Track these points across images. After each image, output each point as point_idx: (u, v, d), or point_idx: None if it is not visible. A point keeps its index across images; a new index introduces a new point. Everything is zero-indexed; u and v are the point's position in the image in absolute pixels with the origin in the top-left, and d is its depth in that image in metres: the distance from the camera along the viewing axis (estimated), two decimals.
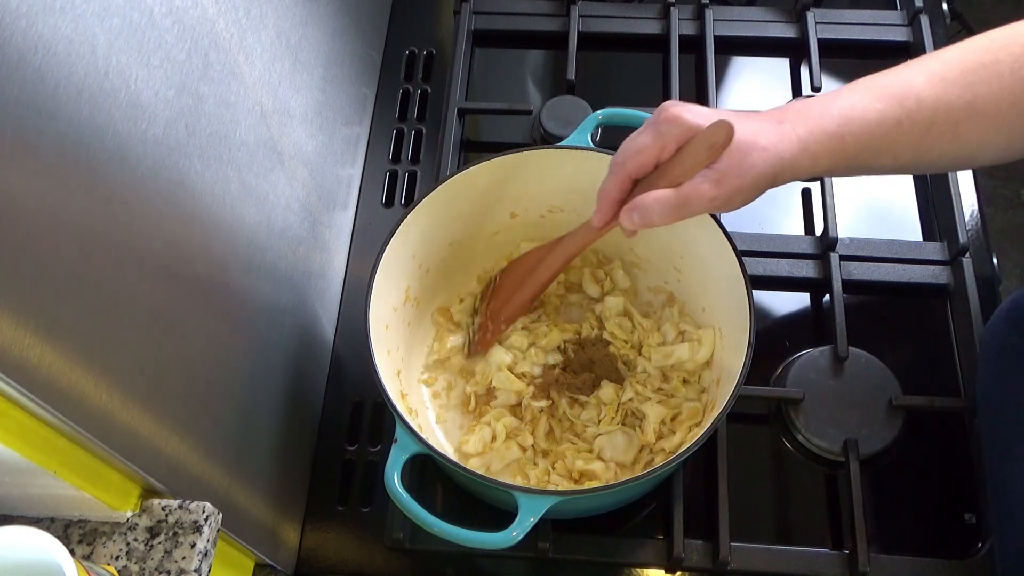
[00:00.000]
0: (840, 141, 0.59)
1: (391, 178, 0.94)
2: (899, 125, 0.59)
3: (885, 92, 0.60)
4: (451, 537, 0.60)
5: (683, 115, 0.59)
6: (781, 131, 0.59)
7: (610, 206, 0.64)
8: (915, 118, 0.59)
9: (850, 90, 0.61)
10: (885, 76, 0.61)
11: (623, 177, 0.62)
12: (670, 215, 0.59)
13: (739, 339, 0.67)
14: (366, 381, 0.81)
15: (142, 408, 0.49)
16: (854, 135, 0.59)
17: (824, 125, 0.59)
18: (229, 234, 0.60)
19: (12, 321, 0.38)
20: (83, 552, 0.52)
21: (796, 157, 0.59)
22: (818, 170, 0.60)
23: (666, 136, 0.59)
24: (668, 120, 0.59)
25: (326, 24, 0.79)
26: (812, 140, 0.59)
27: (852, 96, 0.60)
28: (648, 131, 0.61)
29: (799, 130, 0.59)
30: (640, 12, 1.01)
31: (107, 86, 0.44)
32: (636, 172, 0.62)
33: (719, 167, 0.58)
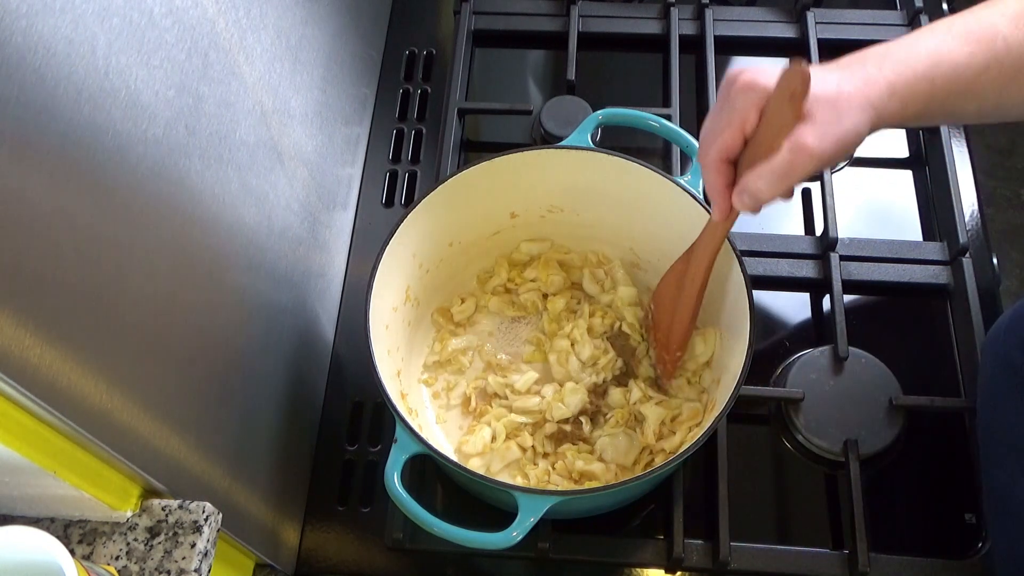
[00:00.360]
0: (930, 84, 0.56)
1: (391, 178, 0.94)
2: (987, 70, 0.56)
3: (971, 35, 0.57)
4: (451, 537, 0.60)
5: (756, 79, 0.55)
6: (866, 74, 0.55)
7: (721, 195, 0.60)
8: (1003, 62, 0.56)
9: (931, 32, 0.58)
10: (964, 18, 0.58)
11: (717, 164, 0.58)
12: (778, 184, 0.55)
13: (739, 339, 0.67)
14: (366, 381, 0.81)
15: (142, 408, 0.49)
16: (944, 77, 0.56)
17: (913, 67, 0.55)
18: (229, 234, 0.60)
19: (12, 321, 0.38)
20: (83, 552, 0.52)
21: (886, 103, 0.55)
22: (907, 115, 0.57)
23: (742, 108, 0.56)
24: (741, 88, 0.55)
25: (326, 24, 0.79)
26: (901, 83, 0.55)
27: (936, 38, 0.57)
28: (722, 108, 0.57)
29: (886, 73, 0.55)
30: (640, 12, 1.01)
31: (107, 86, 0.44)
32: (728, 154, 0.58)
33: (814, 120, 0.54)
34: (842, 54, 0.97)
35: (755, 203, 0.57)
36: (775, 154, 0.54)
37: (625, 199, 0.76)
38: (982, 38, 0.56)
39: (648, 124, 0.75)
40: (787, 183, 0.55)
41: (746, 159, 0.58)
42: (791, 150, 0.54)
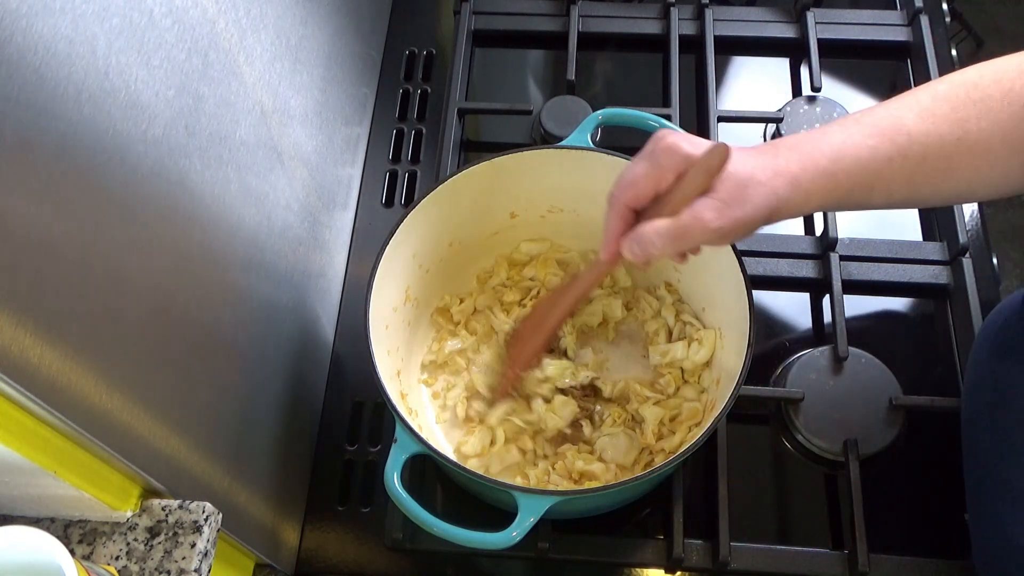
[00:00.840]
0: (832, 178, 0.58)
1: (391, 178, 0.94)
2: (891, 162, 0.58)
3: (876, 128, 0.59)
4: (451, 537, 0.60)
5: (680, 143, 0.58)
6: (775, 166, 0.57)
7: (614, 239, 0.62)
8: (907, 154, 0.58)
9: (840, 126, 0.60)
10: (875, 112, 0.60)
11: (621, 208, 0.61)
12: (670, 245, 0.58)
13: (739, 339, 0.67)
14: (366, 381, 0.81)
15: (142, 408, 0.49)
16: (846, 172, 0.58)
17: (816, 161, 0.58)
18: (229, 234, 0.60)
19: (12, 321, 0.38)
20: (83, 552, 0.52)
21: (790, 194, 0.57)
22: (810, 207, 0.59)
23: (663, 165, 0.58)
24: (664, 149, 0.58)
25: (326, 24, 0.79)
26: (805, 177, 0.58)
27: (843, 132, 0.59)
28: (644, 161, 0.59)
29: (792, 167, 0.58)
30: (640, 12, 1.01)
31: (107, 86, 0.44)
32: (634, 203, 0.60)
33: (719, 196, 0.57)
34: (842, 54, 0.98)
35: (643, 255, 0.60)
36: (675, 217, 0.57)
37: None
38: (887, 130, 0.58)
39: (648, 124, 0.75)
40: (678, 246, 0.58)
41: (649, 214, 0.60)
42: (690, 216, 0.57)
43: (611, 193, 0.61)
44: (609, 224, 0.62)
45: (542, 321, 0.74)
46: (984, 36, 1.64)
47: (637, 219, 0.61)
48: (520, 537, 0.59)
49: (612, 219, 0.62)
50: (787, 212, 0.58)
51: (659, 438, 0.74)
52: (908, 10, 0.99)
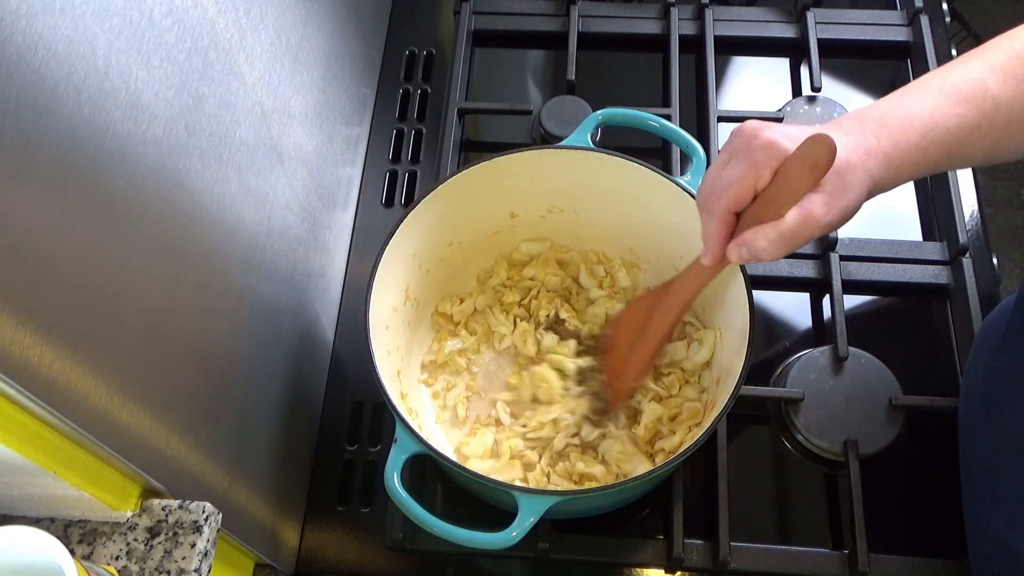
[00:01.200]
0: (923, 152, 0.57)
1: (391, 178, 0.94)
2: (978, 129, 0.57)
3: (961, 95, 0.57)
4: (451, 537, 0.60)
5: (776, 140, 0.55)
6: (867, 146, 0.56)
7: (720, 244, 0.60)
8: (993, 120, 0.57)
9: (925, 93, 0.58)
10: (954, 74, 0.59)
11: (724, 214, 0.58)
12: (783, 248, 0.56)
13: (739, 339, 0.67)
14: (366, 381, 0.81)
15: (142, 408, 0.49)
16: (935, 144, 0.57)
17: (907, 137, 0.57)
18: (229, 234, 0.60)
19: (12, 321, 0.38)
20: (83, 552, 0.52)
21: (883, 173, 0.57)
22: (900, 182, 0.58)
23: (761, 164, 0.55)
24: (762, 147, 0.55)
25: (326, 24, 0.79)
26: (897, 155, 0.57)
27: (930, 100, 0.58)
28: (740, 160, 0.57)
29: (884, 144, 0.56)
30: (640, 12, 1.01)
31: (107, 86, 0.44)
32: (736, 206, 0.58)
33: (825, 189, 0.55)
34: (842, 54, 0.98)
35: (752, 259, 0.58)
36: (783, 218, 0.55)
37: (625, 199, 0.76)
38: (972, 97, 0.57)
39: (648, 124, 0.75)
40: (790, 248, 0.56)
41: (750, 215, 0.58)
42: (801, 217, 0.55)
43: (706, 197, 0.59)
44: (712, 230, 0.60)
45: (641, 328, 0.72)
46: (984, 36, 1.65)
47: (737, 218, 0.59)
48: (520, 537, 0.59)
49: (714, 225, 0.59)
50: (880, 190, 0.58)
51: (659, 438, 0.74)
52: (908, 10, 0.99)
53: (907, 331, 0.85)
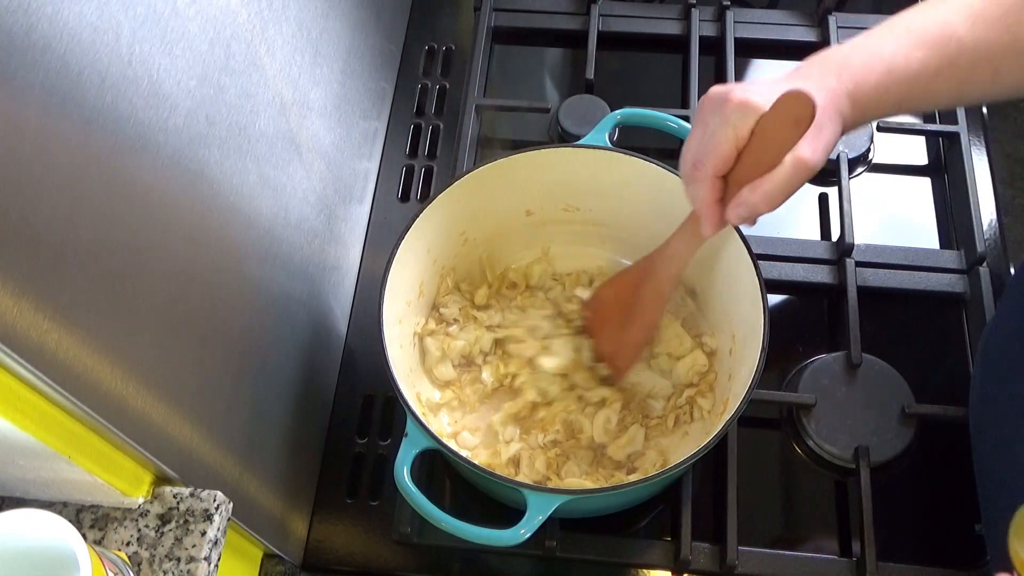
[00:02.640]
0: (885, 92, 0.58)
1: (407, 173, 0.94)
2: (940, 73, 0.58)
3: (926, 37, 0.58)
4: (459, 533, 0.61)
5: (749, 98, 0.56)
6: (830, 87, 0.57)
7: (714, 209, 0.61)
8: (957, 63, 0.58)
9: (888, 33, 0.59)
10: (922, 15, 0.59)
11: (711, 178, 0.59)
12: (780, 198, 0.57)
13: (753, 343, 0.67)
14: (377, 375, 0.81)
15: (156, 395, 0.49)
16: (897, 84, 0.58)
17: (867, 77, 0.58)
18: (246, 225, 0.60)
19: (31, 306, 0.38)
20: (94, 537, 0.52)
21: (850, 111, 0.58)
22: (865, 120, 0.60)
23: (739, 124, 0.57)
24: (737, 107, 0.57)
25: (347, 18, 0.79)
26: (860, 93, 0.58)
27: (894, 42, 0.59)
28: (717, 124, 0.58)
29: (846, 83, 0.58)
30: (661, 12, 1.01)
31: (130, 74, 0.44)
32: (722, 169, 0.59)
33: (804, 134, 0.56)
34: None
35: (752, 216, 0.59)
36: (774, 170, 0.56)
37: (641, 199, 0.76)
38: (937, 41, 0.58)
39: (666, 125, 0.75)
40: (786, 196, 0.57)
41: (736, 175, 0.59)
42: (792, 165, 0.56)
43: (691, 165, 0.60)
44: (703, 197, 0.60)
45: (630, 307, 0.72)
46: None
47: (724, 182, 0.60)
48: (529, 535, 0.60)
49: (703, 191, 0.60)
50: (851, 127, 0.59)
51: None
52: None
53: (922, 339, 0.85)
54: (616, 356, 0.75)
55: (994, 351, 0.71)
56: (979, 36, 0.57)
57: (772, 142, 0.56)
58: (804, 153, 0.56)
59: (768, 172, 0.57)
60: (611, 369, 0.75)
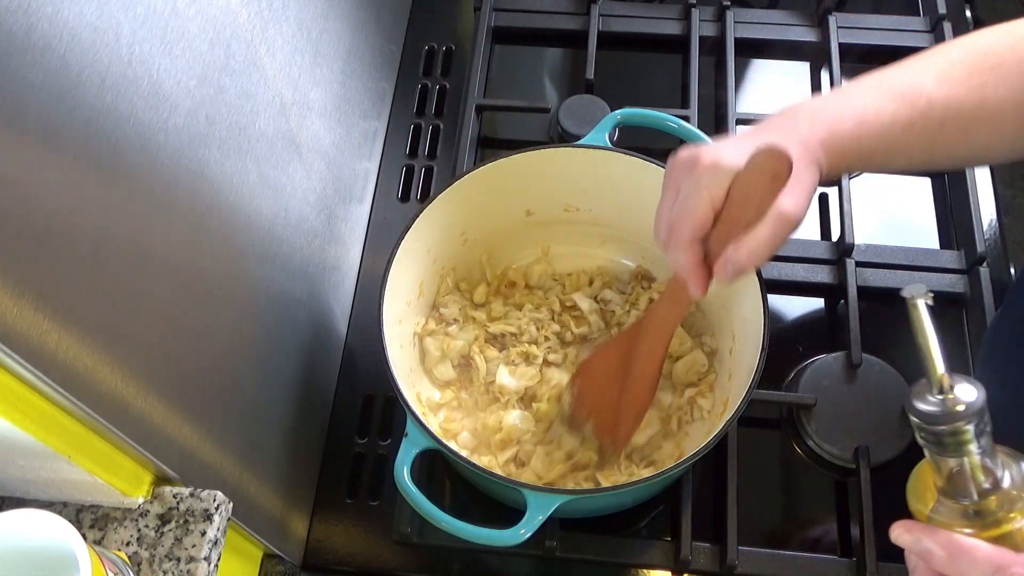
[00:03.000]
0: (856, 142, 0.58)
1: (407, 173, 0.94)
2: (911, 127, 0.58)
3: (896, 92, 0.59)
4: (459, 533, 0.61)
5: (719, 160, 0.56)
6: (801, 135, 0.57)
7: (698, 274, 0.59)
8: (927, 119, 0.58)
9: (858, 88, 0.60)
10: (893, 74, 0.60)
11: (690, 243, 0.58)
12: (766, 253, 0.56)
13: (753, 343, 0.67)
14: (377, 375, 0.81)
15: (156, 395, 0.49)
16: (868, 136, 0.58)
17: (840, 126, 0.58)
18: (246, 225, 0.60)
19: (31, 306, 0.38)
20: (94, 537, 0.52)
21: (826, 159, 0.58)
22: (841, 170, 0.60)
23: (714, 187, 0.56)
24: (707, 169, 0.56)
25: (347, 18, 0.79)
26: (832, 143, 0.58)
27: (863, 96, 0.59)
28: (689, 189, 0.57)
29: (818, 132, 0.58)
30: (661, 12, 1.01)
31: (130, 74, 0.44)
32: (700, 233, 0.58)
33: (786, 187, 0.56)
34: (864, 59, 0.97)
35: (741, 273, 0.58)
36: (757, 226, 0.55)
37: (641, 200, 0.75)
38: (907, 95, 0.58)
39: (666, 125, 0.75)
40: (772, 251, 0.56)
41: (718, 234, 0.57)
42: (777, 220, 0.55)
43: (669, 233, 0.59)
44: (685, 263, 0.59)
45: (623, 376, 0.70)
46: None
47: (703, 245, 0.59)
48: (529, 535, 0.60)
49: (683, 257, 0.59)
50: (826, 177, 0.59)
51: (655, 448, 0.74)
52: (931, 16, 0.98)
53: None
54: (616, 427, 0.72)
55: (998, 350, 0.70)
56: (948, 95, 0.58)
57: (751, 200, 0.55)
58: (787, 207, 0.55)
59: (750, 229, 0.56)
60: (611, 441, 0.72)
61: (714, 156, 0.56)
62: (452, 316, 0.79)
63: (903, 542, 0.51)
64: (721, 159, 0.56)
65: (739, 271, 0.57)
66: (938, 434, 0.50)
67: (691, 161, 0.57)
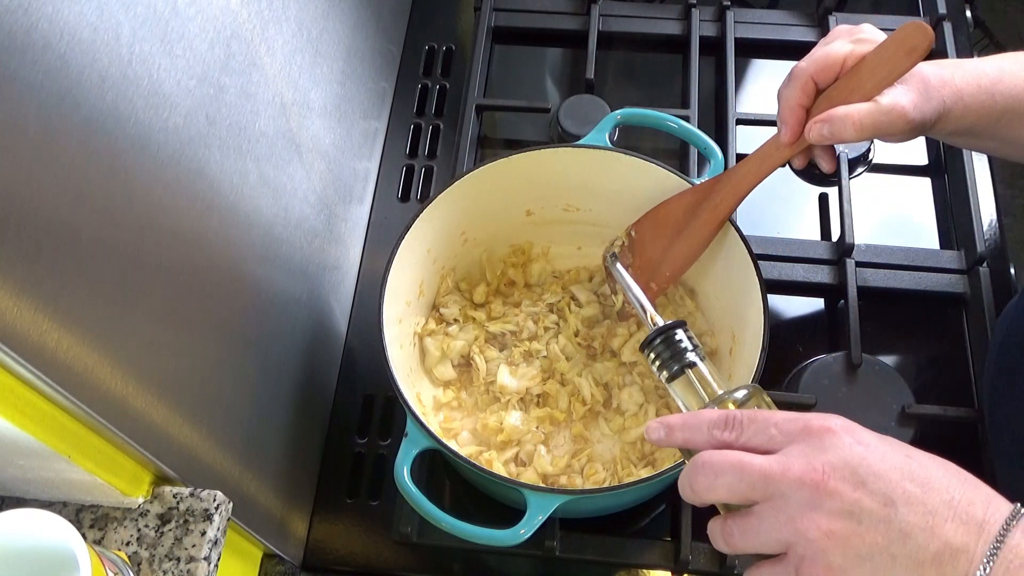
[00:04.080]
0: (991, 97, 0.59)
1: (407, 173, 0.94)
2: None
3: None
4: (459, 533, 0.61)
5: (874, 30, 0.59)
6: (942, 75, 0.59)
7: (798, 117, 0.60)
8: None
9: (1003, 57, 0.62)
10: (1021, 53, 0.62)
11: (806, 81, 0.59)
12: (869, 131, 0.57)
13: (753, 343, 0.67)
14: (377, 375, 0.81)
15: (156, 396, 0.49)
16: (1003, 94, 0.59)
17: (979, 79, 0.59)
18: (246, 225, 0.60)
19: (32, 306, 0.38)
20: (94, 537, 0.52)
21: (952, 106, 0.59)
22: (964, 124, 0.60)
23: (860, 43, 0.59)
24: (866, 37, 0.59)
25: (347, 17, 0.79)
26: (968, 91, 0.59)
27: (998, 62, 0.61)
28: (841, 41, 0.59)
29: (957, 80, 0.59)
30: (661, 12, 1.01)
31: (130, 74, 0.44)
32: (821, 78, 0.59)
33: (913, 87, 0.57)
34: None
35: (832, 140, 0.58)
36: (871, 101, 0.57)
37: (642, 200, 0.76)
38: None
39: (666, 125, 0.75)
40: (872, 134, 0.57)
41: (834, 94, 0.59)
42: (891, 105, 0.56)
43: (796, 67, 0.61)
44: (790, 99, 0.60)
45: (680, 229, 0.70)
46: (1006, 44, 1.63)
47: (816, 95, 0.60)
48: (529, 535, 0.60)
49: (794, 92, 0.60)
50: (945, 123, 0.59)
51: None
52: (931, 16, 0.98)
53: (922, 339, 0.85)
54: (659, 267, 0.73)
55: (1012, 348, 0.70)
56: None
57: (880, 67, 0.57)
58: (903, 100, 0.56)
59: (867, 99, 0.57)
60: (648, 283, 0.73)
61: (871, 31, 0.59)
62: (452, 316, 0.79)
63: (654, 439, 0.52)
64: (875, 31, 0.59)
65: (833, 135, 0.57)
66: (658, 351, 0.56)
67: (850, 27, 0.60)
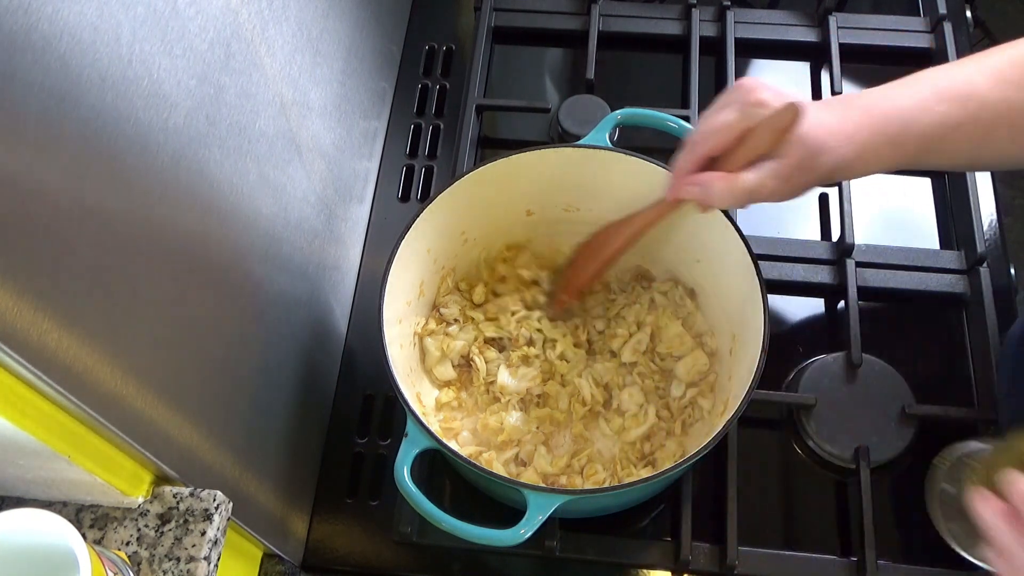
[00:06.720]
0: (901, 147, 0.59)
1: (407, 173, 0.94)
2: (959, 128, 0.59)
3: (948, 92, 0.59)
4: (459, 533, 0.61)
5: (768, 100, 0.59)
6: (846, 131, 0.59)
7: (681, 177, 0.63)
8: (977, 121, 0.58)
9: (913, 86, 0.61)
10: (946, 73, 0.61)
11: (701, 155, 0.62)
12: (731, 200, 0.60)
13: (753, 343, 0.67)
14: (378, 375, 0.81)
15: (156, 395, 0.49)
16: (914, 138, 0.59)
17: (886, 129, 0.59)
18: (246, 225, 0.60)
19: (31, 306, 0.38)
20: (94, 537, 0.52)
21: (853, 161, 0.59)
22: (871, 171, 0.61)
23: (752, 118, 0.59)
24: (757, 103, 0.59)
25: (347, 17, 0.79)
26: (872, 145, 0.59)
27: (916, 94, 0.60)
28: (732, 110, 0.60)
29: (863, 132, 0.59)
30: (661, 12, 1.01)
31: (130, 74, 0.44)
32: (715, 151, 0.61)
33: (788, 162, 0.58)
34: (864, 59, 0.97)
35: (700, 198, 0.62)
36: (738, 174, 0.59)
37: (642, 199, 0.76)
38: (959, 96, 0.59)
39: (666, 125, 0.75)
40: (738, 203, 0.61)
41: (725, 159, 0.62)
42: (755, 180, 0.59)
43: (691, 137, 0.63)
44: (680, 164, 0.63)
45: (597, 252, 0.76)
46: None
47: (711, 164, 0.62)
48: (529, 535, 0.59)
49: (686, 161, 0.63)
50: (845, 175, 0.61)
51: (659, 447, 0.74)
52: (931, 17, 0.98)
53: (922, 339, 0.85)
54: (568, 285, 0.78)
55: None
56: (1000, 95, 0.58)
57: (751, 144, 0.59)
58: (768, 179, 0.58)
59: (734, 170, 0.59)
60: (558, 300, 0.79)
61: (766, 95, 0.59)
62: (452, 316, 0.79)
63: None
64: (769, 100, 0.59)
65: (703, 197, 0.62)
66: None
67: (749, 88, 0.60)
